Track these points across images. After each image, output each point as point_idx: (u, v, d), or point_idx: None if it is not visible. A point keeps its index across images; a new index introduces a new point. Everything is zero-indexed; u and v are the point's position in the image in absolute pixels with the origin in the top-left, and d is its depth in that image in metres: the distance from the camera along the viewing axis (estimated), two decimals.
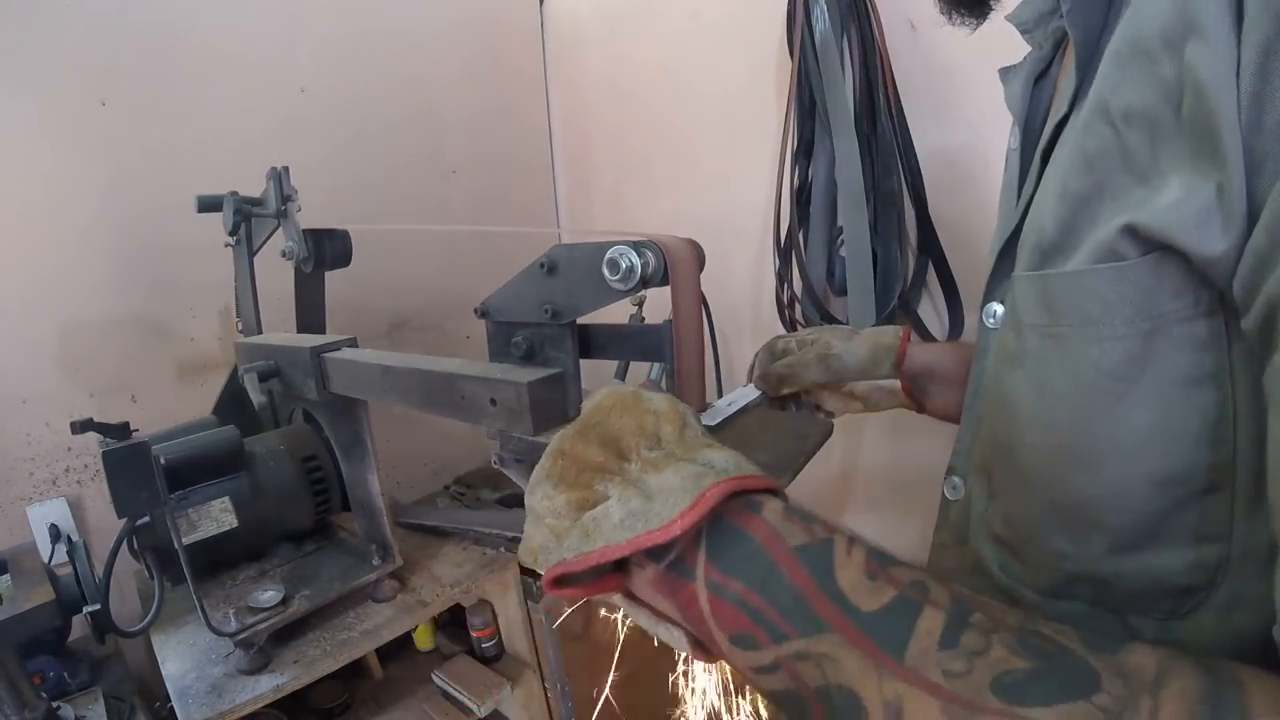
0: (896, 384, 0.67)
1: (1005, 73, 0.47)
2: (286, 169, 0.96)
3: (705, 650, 0.34)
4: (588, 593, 0.36)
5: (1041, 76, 0.48)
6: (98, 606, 0.75)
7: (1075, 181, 0.34)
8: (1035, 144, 0.43)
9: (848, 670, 0.27)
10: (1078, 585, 0.37)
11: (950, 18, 0.55)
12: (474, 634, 1.20)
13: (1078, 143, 0.34)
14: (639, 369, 1.27)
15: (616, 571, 0.35)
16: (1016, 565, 0.41)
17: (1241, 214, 0.26)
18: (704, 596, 0.31)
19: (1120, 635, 0.31)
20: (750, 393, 0.66)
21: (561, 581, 0.35)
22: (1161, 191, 0.29)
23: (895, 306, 0.99)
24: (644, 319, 1.26)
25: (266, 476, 0.94)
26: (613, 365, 1.32)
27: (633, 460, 0.36)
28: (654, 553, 0.32)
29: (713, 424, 0.49)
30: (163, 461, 0.77)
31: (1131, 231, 0.30)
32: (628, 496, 0.33)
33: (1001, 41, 0.87)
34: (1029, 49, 0.50)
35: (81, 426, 0.73)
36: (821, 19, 0.97)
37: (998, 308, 0.45)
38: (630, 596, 0.36)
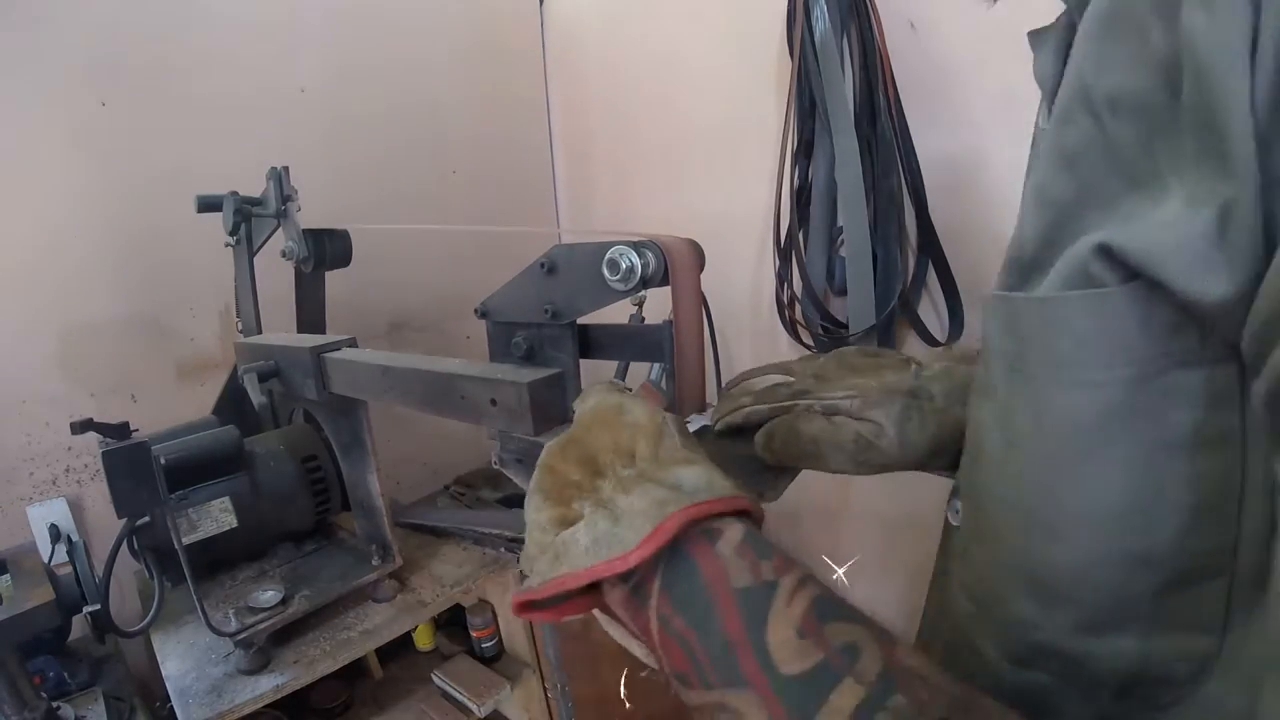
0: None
1: (1034, 37, 0.38)
2: (286, 169, 0.96)
3: None
4: (558, 615, 0.36)
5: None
6: (98, 606, 0.75)
7: (1055, 185, 0.28)
8: None
9: None
10: (1046, 658, 0.32)
11: None
12: (474, 634, 1.20)
13: (1054, 135, 0.28)
14: (639, 369, 1.26)
15: (589, 592, 0.35)
16: (983, 624, 0.36)
17: (1254, 249, 0.20)
18: (654, 626, 0.31)
19: None
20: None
21: (531, 606, 0.35)
22: (1160, 203, 0.24)
23: (895, 306, 0.99)
24: (644, 319, 1.26)
25: (266, 476, 0.94)
26: (612, 365, 1.32)
27: (607, 478, 0.35)
28: (622, 574, 0.32)
29: (697, 428, 0.46)
30: (163, 461, 0.77)
31: (1106, 253, 0.24)
32: (596, 519, 0.32)
33: (1002, 41, 0.88)
34: (1040, 31, 0.44)
35: (81, 426, 0.73)
36: (821, 19, 0.97)
37: None
38: (606, 610, 0.36)
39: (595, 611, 0.37)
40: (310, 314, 1.08)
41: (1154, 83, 0.23)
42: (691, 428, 0.47)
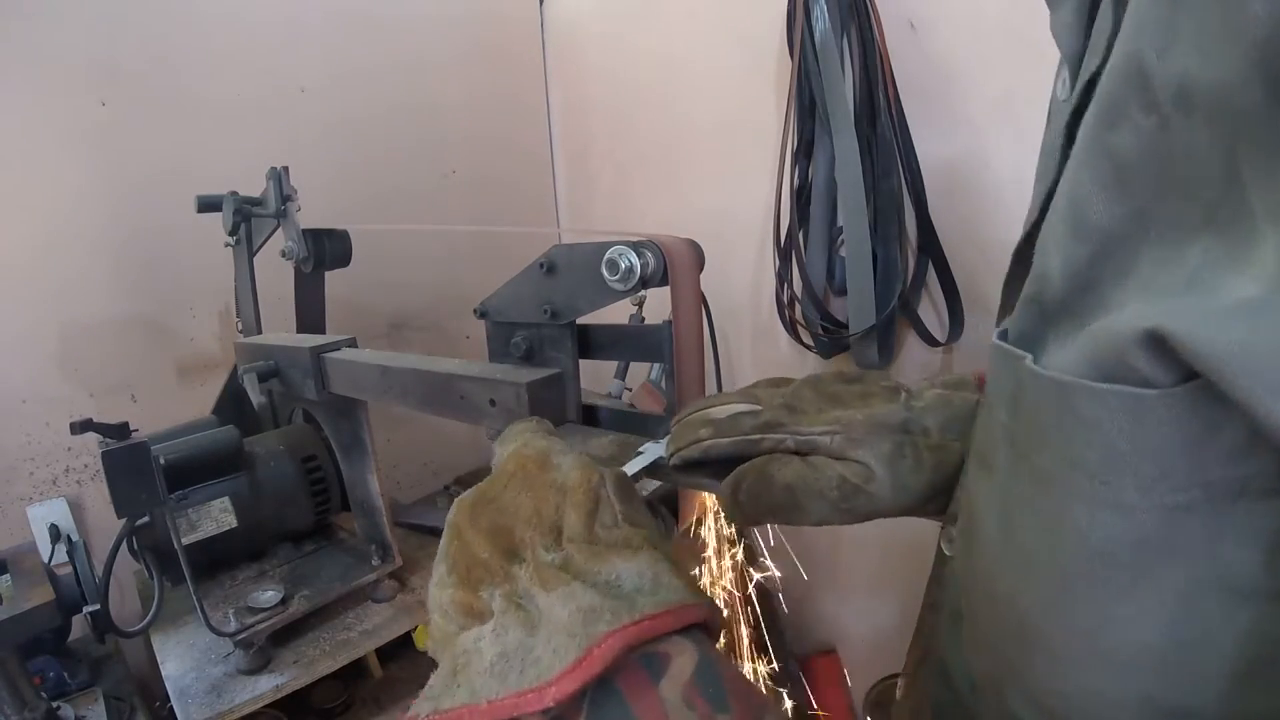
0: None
1: None
2: (286, 169, 0.96)
3: None
4: None
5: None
6: (97, 606, 0.75)
7: (1098, 205, 0.21)
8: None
9: None
10: None
11: None
12: None
13: (1100, 134, 0.21)
14: (639, 369, 1.27)
15: None
16: (979, 698, 0.31)
17: None
18: None
19: None
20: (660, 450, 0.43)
21: None
22: (1242, 259, 0.17)
23: (895, 306, 0.99)
24: (644, 319, 1.26)
25: (266, 476, 0.94)
26: (612, 365, 1.32)
27: (526, 560, 0.29)
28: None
29: (635, 470, 0.40)
30: (163, 461, 0.77)
31: (1158, 342, 0.17)
32: (506, 625, 0.26)
33: (1002, 41, 0.88)
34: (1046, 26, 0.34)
35: (81, 426, 0.73)
36: (821, 19, 0.97)
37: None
38: None
39: None
40: (310, 314, 1.08)
41: (1246, 71, 0.16)
42: (642, 462, 0.42)
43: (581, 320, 0.50)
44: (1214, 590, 0.19)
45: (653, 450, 0.43)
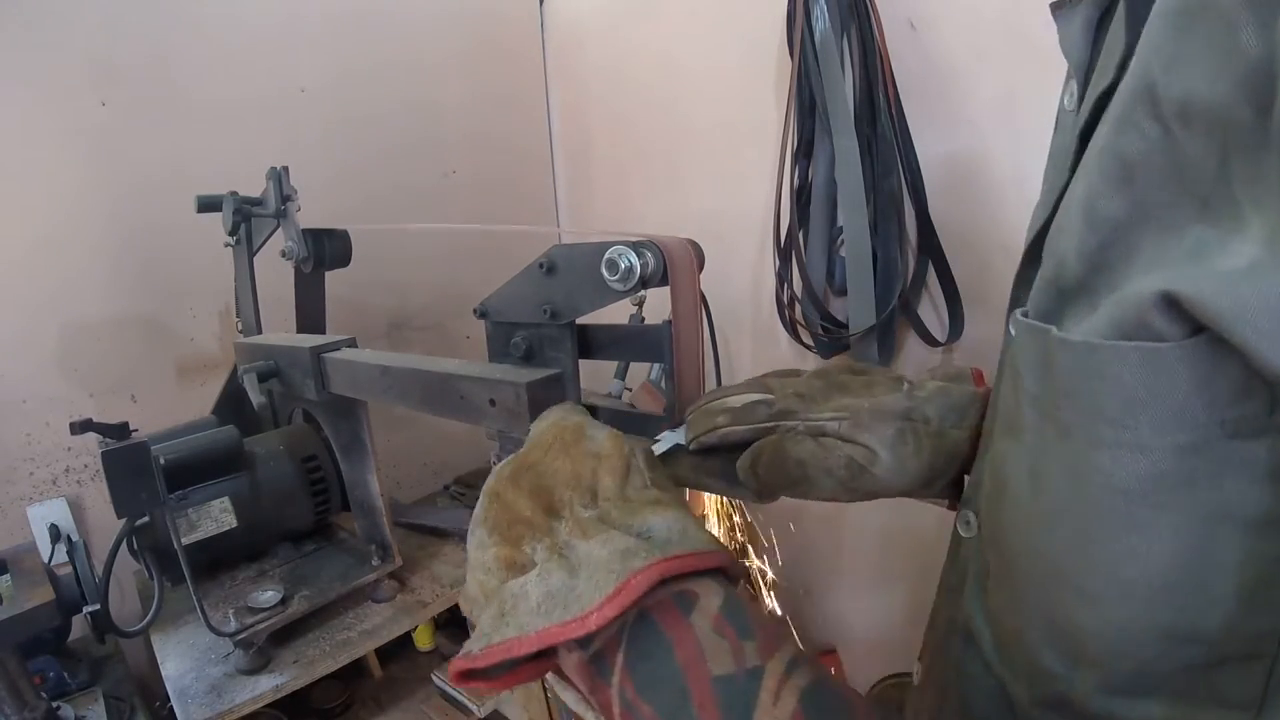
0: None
1: (1058, 11, 0.33)
2: (286, 169, 0.96)
3: None
4: (504, 685, 0.32)
5: (1104, 17, 0.33)
6: (97, 606, 0.75)
7: (1107, 198, 0.24)
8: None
9: None
10: (1067, 709, 0.29)
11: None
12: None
13: (1111, 139, 0.24)
14: (639, 369, 1.27)
15: (541, 655, 0.31)
16: (1009, 664, 0.33)
17: None
18: (617, 708, 0.28)
19: None
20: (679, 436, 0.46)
21: (472, 674, 0.30)
22: (1232, 238, 0.20)
23: (895, 306, 0.99)
24: (644, 319, 1.26)
25: (266, 476, 0.94)
26: (612, 365, 1.32)
27: (564, 518, 0.32)
28: (580, 639, 0.28)
29: (662, 451, 0.43)
30: (162, 461, 0.77)
31: (1170, 303, 0.21)
32: (550, 570, 0.29)
33: (1002, 41, 0.88)
34: (1063, 3, 0.36)
35: (81, 427, 0.73)
36: (821, 19, 0.97)
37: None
38: (560, 675, 0.33)
39: (549, 674, 0.34)
40: (310, 314, 1.08)
41: (1237, 93, 0.20)
42: (664, 445, 0.44)
43: (581, 320, 0.50)
44: (1219, 520, 0.22)
45: (670, 437, 0.45)
